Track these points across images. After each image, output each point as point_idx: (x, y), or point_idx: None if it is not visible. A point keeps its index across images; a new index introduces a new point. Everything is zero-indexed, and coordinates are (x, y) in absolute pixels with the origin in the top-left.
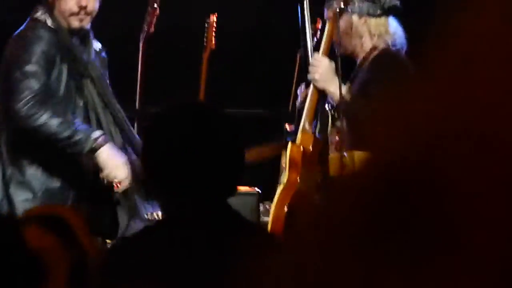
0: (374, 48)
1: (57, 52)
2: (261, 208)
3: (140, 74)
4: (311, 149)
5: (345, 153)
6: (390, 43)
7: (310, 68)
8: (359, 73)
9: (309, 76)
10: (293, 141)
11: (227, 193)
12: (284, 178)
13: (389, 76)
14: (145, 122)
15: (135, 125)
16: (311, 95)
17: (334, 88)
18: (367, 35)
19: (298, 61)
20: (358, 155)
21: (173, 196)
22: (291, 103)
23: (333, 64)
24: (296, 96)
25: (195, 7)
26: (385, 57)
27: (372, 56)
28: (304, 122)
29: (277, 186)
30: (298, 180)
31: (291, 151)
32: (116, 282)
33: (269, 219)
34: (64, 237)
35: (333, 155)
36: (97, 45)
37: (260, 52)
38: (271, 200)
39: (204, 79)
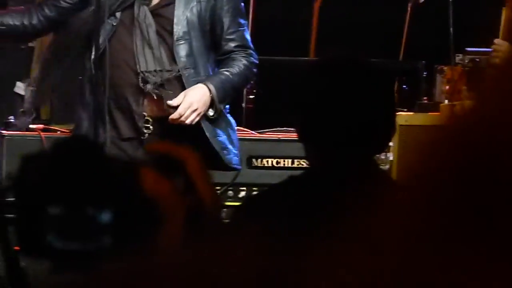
0: None
1: None
2: None
3: (251, 23)
4: None
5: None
6: None
7: (492, 54)
8: None
9: (491, 61)
10: None
11: (376, 150)
12: None
13: None
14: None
15: None
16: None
17: None
18: None
19: (409, 12)
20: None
21: (321, 146)
22: (402, 53)
23: None
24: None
25: None
26: None
27: None
28: None
29: None
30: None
31: None
32: (248, 225)
33: None
34: (181, 181)
35: (444, 104)
36: None
37: (370, 2)
38: None
39: (315, 29)
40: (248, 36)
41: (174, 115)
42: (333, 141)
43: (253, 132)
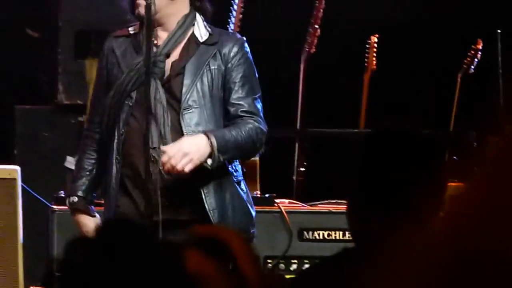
0: None
1: None
2: None
3: (301, 94)
4: None
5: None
6: None
7: None
8: None
9: None
10: None
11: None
12: None
13: None
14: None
15: (296, 145)
16: None
17: None
18: None
19: (459, 83)
20: None
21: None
22: (452, 123)
23: None
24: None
25: (356, 28)
26: None
27: None
28: None
29: None
30: None
31: None
32: None
33: None
34: (226, 264)
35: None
36: None
37: (419, 74)
38: None
39: (365, 101)
40: (259, 106)
41: (163, 158)
42: (381, 211)
43: (303, 204)
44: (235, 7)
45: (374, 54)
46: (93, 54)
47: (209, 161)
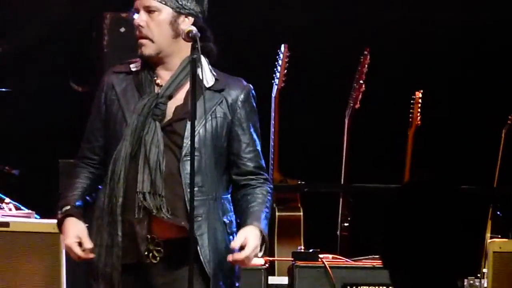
0: None
1: None
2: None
3: (345, 149)
4: None
5: None
6: None
7: None
8: None
9: None
10: None
11: (462, 275)
12: None
13: None
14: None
15: (340, 200)
16: None
17: None
18: None
19: (503, 139)
20: None
21: (408, 271)
22: (496, 180)
23: None
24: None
25: (401, 84)
26: None
27: None
28: None
29: None
30: None
31: None
32: None
33: None
34: None
35: None
36: None
37: (464, 129)
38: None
39: (410, 156)
40: (261, 154)
41: (240, 256)
42: (420, 266)
43: (347, 259)
44: (280, 62)
45: (419, 110)
46: None
47: (260, 254)
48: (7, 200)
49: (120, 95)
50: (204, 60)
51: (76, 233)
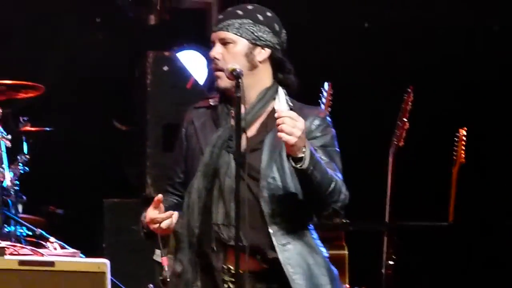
0: None
1: None
2: None
3: (390, 187)
4: None
5: None
6: None
7: None
8: None
9: None
10: None
11: None
12: None
13: None
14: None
15: (384, 238)
16: None
17: None
18: None
19: None
20: None
21: None
22: None
23: None
24: None
25: (445, 121)
26: None
27: None
28: None
29: None
30: None
31: None
32: None
33: None
34: None
35: None
36: None
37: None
38: None
39: (454, 194)
40: (341, 176)
41: (286, 113)
42: None
43: None
44: (324, 100)
45: (463, 147)
46: None
47: (301, 154)
48: (52, 239)
49: (199, 129)
50: (281, 91)
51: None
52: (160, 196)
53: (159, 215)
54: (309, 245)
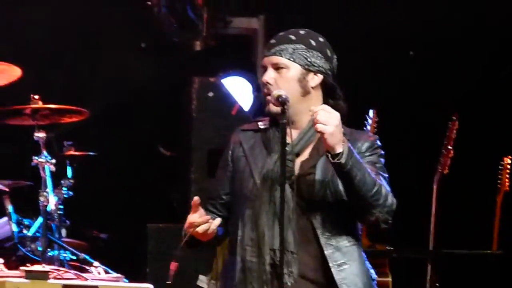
0: None
1: None
2: None
3: (434, 215)
4: None
5: None
6: None
7: None
8: None
9: None
10: None
11: None
12: None
13: None
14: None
15: (428, 266)
16: None
17: None
18: None
19: None
20: None
21: None
22: None
23: None
24: None
25: (489, 149)
26: None
27: None
28: None
29: None
30: None
31: None
32: None
33: None
34: None
35: None
36: None
37: None
38: None
39: (498, 222)
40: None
41: (322, 107)
42: None
43: None
44: (368, 127)
45: (507, 175)
46: None
47: (340, 148)
48: (96, 264)
49: (248, 152)
50: None
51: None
52: (196, 198)
53: (197, 219)
54: (362, 265)
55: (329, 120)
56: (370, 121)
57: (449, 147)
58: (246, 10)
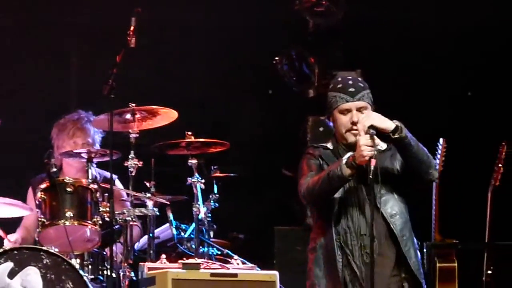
0: None
1: None
2: None
3: (489, 215)
4: None
5: None
6: None
7: None
8: None
9: None
10: None
11: None
12: None
13: None
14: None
15: (485, 254)
16: None
17: None
18: None
19: None
20: None
21: None
22: None
23: None
24: None
25: None
26: None
27: None
28: None
29: None
30: None
31: None
32: None
33: None
34: None
35: None
36: None
37: None
38: None
39: None
40: None
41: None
42: None
43: None
44: (439, 152)
45: None
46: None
47: (396, 135)
48: (236, 257)
49: (326, 163)
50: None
51: None
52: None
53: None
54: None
55: (364, 123)
56: (440, 148)
57: (500, 165)
58: (348, 65)
